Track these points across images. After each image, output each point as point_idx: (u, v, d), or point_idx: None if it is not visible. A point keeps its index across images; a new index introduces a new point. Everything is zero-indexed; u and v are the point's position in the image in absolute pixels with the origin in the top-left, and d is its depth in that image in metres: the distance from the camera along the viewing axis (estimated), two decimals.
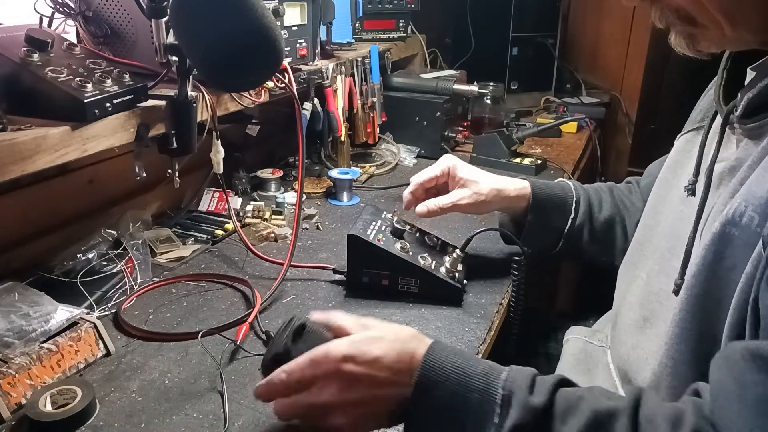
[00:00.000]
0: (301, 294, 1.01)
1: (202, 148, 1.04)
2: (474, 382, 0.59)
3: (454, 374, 0.60)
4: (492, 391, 0.58)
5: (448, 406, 0.59)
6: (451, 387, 0.59)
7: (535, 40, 2.21)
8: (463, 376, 0.60)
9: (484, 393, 0.58)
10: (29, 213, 1.02)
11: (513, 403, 0.57)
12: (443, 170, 1.06)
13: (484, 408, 0.57)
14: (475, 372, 0.60)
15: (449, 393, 0.59)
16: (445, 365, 0.61)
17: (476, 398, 0.58)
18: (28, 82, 0.81)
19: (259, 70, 0.89)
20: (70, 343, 0.79)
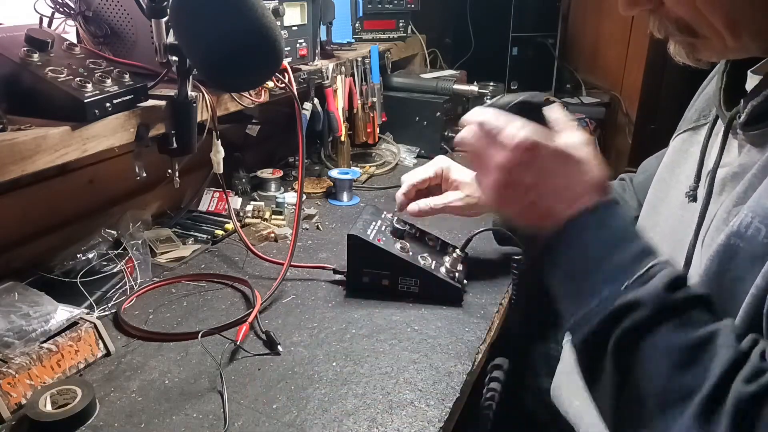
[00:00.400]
0: (301, 294, 1.01)
1: (202, 148, 1.04)
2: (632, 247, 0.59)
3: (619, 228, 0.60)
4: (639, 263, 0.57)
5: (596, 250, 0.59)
6: (609, 235, 0.59)
7: (535, 40, 2.21)
8: (626, 233, 0.60)
9: (634, 260, 0.58)
10: (29, 213, 1.02)
11: (650, 283, 0.56)
12: (436, 171, 1.05)
13: (623, 269, 0.57)
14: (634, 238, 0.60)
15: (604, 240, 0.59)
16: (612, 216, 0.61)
17: (624, 258, 0.58)
18: (28, 82, 0.81)
19: (259, 70, 0.89)
20: (70, 343, 0.79)
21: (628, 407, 0.56)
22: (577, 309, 0.59)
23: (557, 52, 2.25)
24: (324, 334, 0.89)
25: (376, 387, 0.78)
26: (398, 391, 0.77)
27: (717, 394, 0.51)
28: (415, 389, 0.78)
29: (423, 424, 0.72)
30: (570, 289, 0.61)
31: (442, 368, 0.82)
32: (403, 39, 1.83)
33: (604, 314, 0.56)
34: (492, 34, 2.19)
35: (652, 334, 0.54)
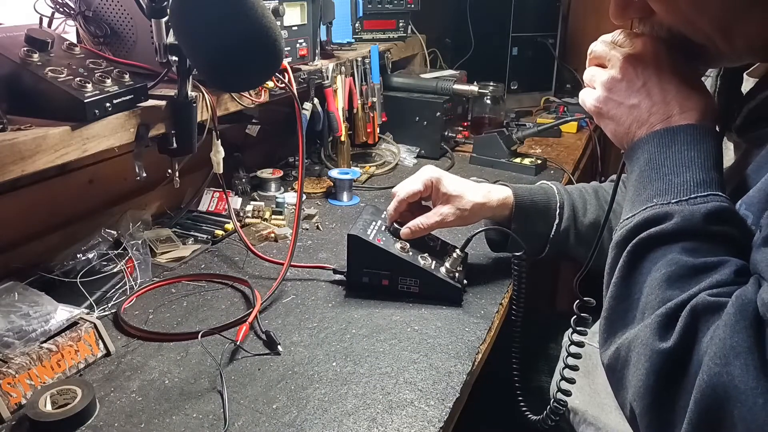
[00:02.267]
0: (301, 294, 1.01)
1: (202, 148, 1.04)
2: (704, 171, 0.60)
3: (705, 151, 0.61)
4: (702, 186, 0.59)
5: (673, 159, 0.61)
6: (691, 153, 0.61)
7: (535, 40, 2.21)
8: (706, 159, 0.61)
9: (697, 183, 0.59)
10: (29, 213, 1.02)
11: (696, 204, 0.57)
12: (425, 184, 1.03)
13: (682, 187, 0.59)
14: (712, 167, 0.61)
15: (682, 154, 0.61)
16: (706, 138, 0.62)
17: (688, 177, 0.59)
18: (28, 82, 0.81)
19: (259, 70, 0.89)
20: (70, 343, 0.80)
21: (619, 302, 0.59)
22: (628, 212, 0.62)
23: (557, 52, 2.25)
24: (324, 334, 0.89)
25: (376, 387, 0.78)
26: (398, 391, 0.77)
27: (682, 306, 0.53)
28: (415, 389, 0.78)
29: (423, 424, 0.72)
30: (634, 194, 0.63)
31: (442, 368, 0.82)
32: (403, 39, 1.83)
33: (641, 218, 0.59)
34: (492, 34, 2.19)
35: (665, 248, 0.57)
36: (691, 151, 0.61)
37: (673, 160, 0.61)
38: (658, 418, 0.53)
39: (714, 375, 0.48)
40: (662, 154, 0.62)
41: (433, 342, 0.87)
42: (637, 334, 0.55)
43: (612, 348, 0.59)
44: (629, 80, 0.65)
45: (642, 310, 0.56)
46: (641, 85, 0.65)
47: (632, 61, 0.65)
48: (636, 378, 0.54)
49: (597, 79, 0.69)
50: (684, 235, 0.56)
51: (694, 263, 0.55)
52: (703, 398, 0.48)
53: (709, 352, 0.49)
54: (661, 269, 0.56)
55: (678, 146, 0.61)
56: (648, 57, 0.65)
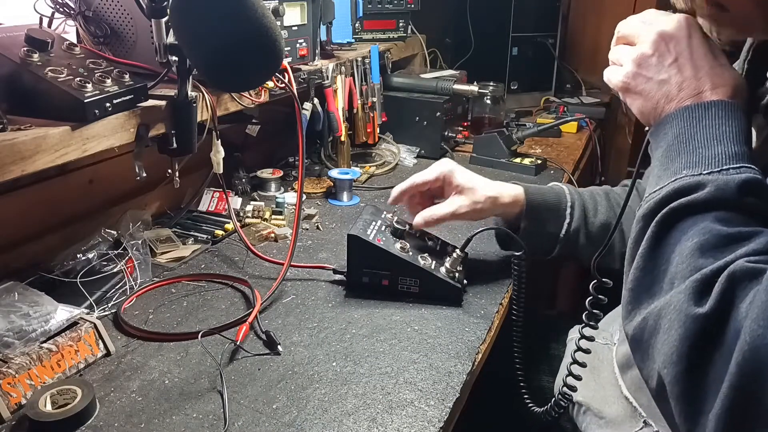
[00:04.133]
0: (301, 294, 1.01)
1: (202, 148, 1.04)
2: (731, 146, 0.59)
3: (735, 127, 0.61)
4: (734, 159, 0.58)
5: (704, 134, 0.60)
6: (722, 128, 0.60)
7: (535, 40, 2.21)
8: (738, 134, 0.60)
9: (729, 157, 0.59)
10: (29, 213, 1.02)
11: (729, 173, 0.57)
12: (438, 176, 1.05)
13: (715, 160, 0.58)
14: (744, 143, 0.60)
15: (713, 128, 0.60)
16: (735, 113, 0.62)
17: (722, 150, 0.59)
18: (28, 82, 0.81)
19: (259, 70, 0.89)
20: (70, 343, 0.80)
21: (645, 272, 0.58)
22: (655, 185, 0.61)
23: (557, 52, 2.25)
24: (324, 334, 0.89)
25: (376, 387, 0.78)
26: (398, 391, 0.77)
27: (720, 271, 0.51)
28: (415, 389, 0.78)
29: (423, 424, 0.72)
30: (660, 169, 0.62)
31: (442, 368, 0.82)
32: (403, 39, 1.83)
33: (672, 188, 0.58)
34: (492, 34, 2.19)
35: (699, 216, 0.56)
36: (723, 126, 0.60)
37: (704, 133, 0.60)
38: (690, 385, 0.51)
39: (757, 337, 0.47)
40: (692, 128, 0.61)
41: (433, 342, 0.87)
42: (669, 300, 0.54)
43: (638, 318, 0.57)
44: (660, 55, 0.65)
45: (671, 280, 0.55)
46: (673, 60, 0.64)
47: (665, 37, 0.65)
48: (668, 345, 0.53)
49: (625, 56, 0.69)
50: (717, 205, 0.56)
51: (729, 232, 0.54)
52: (746, 361, 0.47)
53: (750, 314, 0.48)
54: (693, 238, 0.55)
55: (709, 120, 0.61)
56: (681, 33, 0.65)
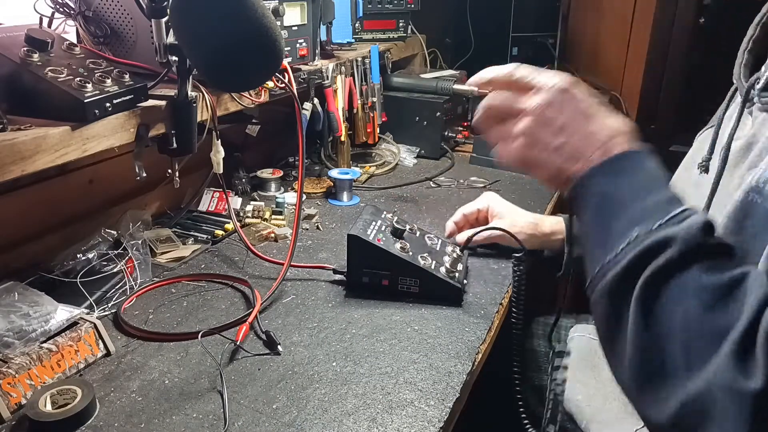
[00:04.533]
0: (301, 294, 1.01)
1: (202, 148, 1.04)
2: (663, 190, 0.58)
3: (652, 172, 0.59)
4: (675, 204, 0.56)
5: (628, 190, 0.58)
6: (643, 176, 0.59)
7: (535, 40, 2.21)
8: (659, 179, 0.59)
9: (666, 202, 0.56)
10: (29, 213, 1.02)
11: (686, 222, 0.54)
12: (482, 207, 1.15)
13: (655, 210, 0.55)
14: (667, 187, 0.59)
15: (638, 180, 0.59)
16: (647, 160, 0.60)
17: (656, 200, 0.57)
18: (28, 82, 0.81)
19: (259, 70, 0.89)
20: (70, 343, 0.80)
21: (649, 354, 0.52)
22: (604, 253, 0.56)
23: (557, 52, 2.24)
24: (324, 334, 0.89)
25: (376, 387, 0.78)
26: (398, 391, 0.77)
27: (753, 329, 0.47)
28: (415, 389, 0.78)
29: (423, 424, 0.72)
30: (598, 234, 0.59)
31: (442, 368, 0.82)
32: (403, 39, 1.83)
33: (634, 253, 0.53)
34: (492, 34, 2.19)
35: (683, 273, 0.51)
36: (644, 173, 0.59)
37: (631, 186, 0.58)
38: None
39: None
40: (615, 184, 0.59)
41: (433, 342, 0.87)
42: (710, 380, 0.47)
43: (671, 406, 0.50)
44: (547, 123, 0.63)
45: (685, 353, 0.49)
46: (562, 124, 0.63)
47: (546, 103, 0.64)
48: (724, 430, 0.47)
49: (511, 132, 0.66)
50: (693, 256, 0.52)
51: (723, 281, 0.50)
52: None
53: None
54: (691, 301, 0.50)
55: (628, 173, 0.59)
56: (561, 96, 0.64)
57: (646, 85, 2.28)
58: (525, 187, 1.50)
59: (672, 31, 2.17)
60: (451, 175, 1.59)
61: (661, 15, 2.18)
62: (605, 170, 0.60)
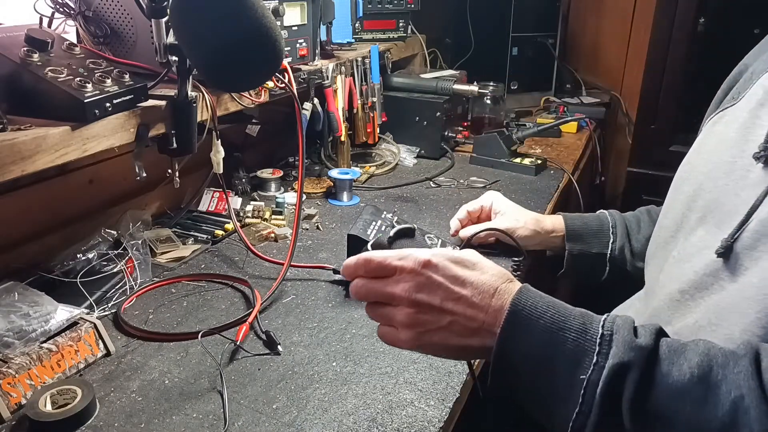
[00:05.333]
0: (301, 294, 1.01)
1: (202, 148, 1.04)
2: (570, 322, 0.57)
3: (549, 313, 0.58)
4: (591, 330, 0.56)
5: (541, 345, 0.57)
6: (544, 324, 0.57)
7: (535, 40, 2.21)
8: (558, 315, 0.58)
9: (581, 332, 0.56)
10: (29, 213, 1.02)
11: (614, 342, 0.55)
12: (487, 203, 1.16)
13: (580, 347, 0.55)
14: (570, 313, 0.58)
15: (542, 330, 0.57)
16: (538, 303, 0.59)
17: (572, 337, 0.56)
18: (28, 82, 0.81)
19: (259, 70, 0.89)
20: (70, 343, 0.80)
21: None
22: (565, 407, 0.56)
23: (557, 52, 2.25)
24: (324, 334, 0.89)
25: (376, 387, 0.78)
26: (398, 391, 0.77)
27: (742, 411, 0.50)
28: (415, 389, 0.78)
29: (423, 424, 0.72)
30: (546, 392, 0.58)
31: (442, 368, 0.82)
32: (403, 39, 1.83)
33: (600, 398, 0.54)
34: (492, 34, 2.19)
35: (654, 387, 0.53)
36: (546, 312, 0.58)
37: (546, 335, 0.57)
38: None
39: None
40: (530, 342, 0.57)
41: None
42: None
43: None
44: (426, 305, 0.60)
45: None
46: (440, 302, 0.60)
47: (415, 288, 0.61)
48: None
49: (392, 317, 0.63)
50: (651, 365, 0.54)
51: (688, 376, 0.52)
52: None
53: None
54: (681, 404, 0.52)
55: (534, 321, 0.58)
56: (425, 274, 0.61)
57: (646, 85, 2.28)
58: (525, 186, 1.50)
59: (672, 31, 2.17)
60: (451, 175, 1.59)
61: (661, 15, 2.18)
62: (513, 332, 0.58)
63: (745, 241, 0.63)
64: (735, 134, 0.73)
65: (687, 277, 0.72)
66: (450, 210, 1.32)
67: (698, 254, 0.72)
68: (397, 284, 0.62)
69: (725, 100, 0.82)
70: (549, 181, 1.55)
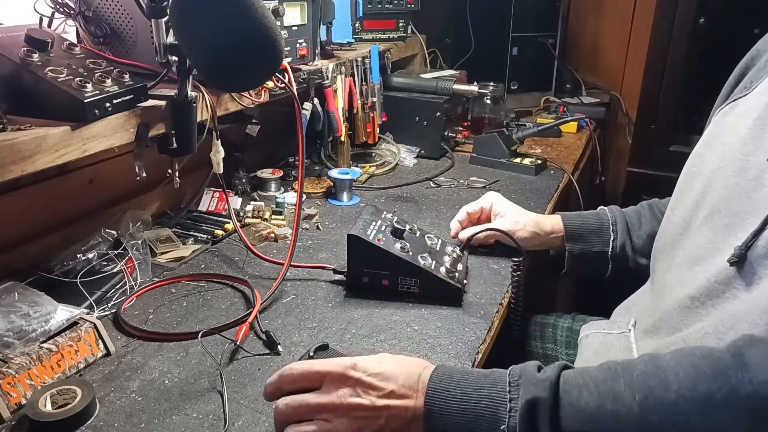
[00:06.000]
0: (301, 294, 1.01)
1: (202, 148, 1.04)
2: (481, 380, 0.63)
3: (463, 380, 0.64)
4: (500, 380, 0.62)
5: (461, 411, 0.62)
6: (460, 389, 0.63)
7: (535, 40, 2.21)
8: (470, 378, 0.64)
9: (492, 385, 0.62)
10: (29, 213, 1.02)
11: (522, 382, 0.60)
12: (487, 204, 1.16)
13: (495, 401, 0.61)
14: (481, 373, 0.65)
15: (459, 397, 0.62)
16: (453, 373, 0.65)
17: (485, 393, 0.62)
18: (28, 82, 0.81)
19: (259, 70, 0.89)
20: (70, 343, 0.80)
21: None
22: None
23: (557, 52, 2.25)
24: (324, 334, 0.89)
25: None
26: None
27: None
28: None
29: None
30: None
31: None
32: (403, 39, 1.83)
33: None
34: (492, 34, 2.19)
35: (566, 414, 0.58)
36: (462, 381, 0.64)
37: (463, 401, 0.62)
38: None
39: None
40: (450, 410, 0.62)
41: (433, 342, 0.87)
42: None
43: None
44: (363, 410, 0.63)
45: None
46: (372, 403, 0.63)
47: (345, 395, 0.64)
48: None
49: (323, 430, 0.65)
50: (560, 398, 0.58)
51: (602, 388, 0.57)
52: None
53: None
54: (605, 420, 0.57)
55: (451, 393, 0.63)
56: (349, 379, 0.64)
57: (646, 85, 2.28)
58: (525, 187, 1.50)
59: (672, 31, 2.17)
60: (451, 175, 1.59)
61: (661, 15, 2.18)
62: (435, 411, 0.62)
63: (760, 249, 0.63)
64: (748, 130, 0.71)
65: (698, 283, 0.72)
66: (450, 210, 1.32)
67: (708, 258, 0.71)
68: (329, 393, 0.64)
69: (737, 89, 0.80)
70: (549, 181, 1.55)
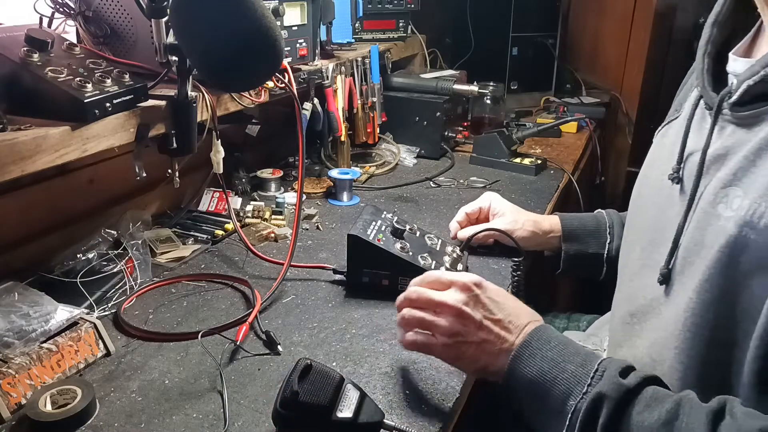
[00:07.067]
0: (301, 294, 1.01)
1: (202, 148, 1.04)
2: (574, 357, 0.66)
3: (558, 347, 0.67)
4: (589, 365, 0.64)
5: (543, 371, 0.66)
6: (551, 355, 0.66)
7: (535, 40, 2.21)
8: (566, 350, 0.67)
9: (581, 366, 0.64)
10: (29, 213, 1.02)
11: (604, 376, 0.62)
12: (486, 204, 1.16)
13: (576, 377, 0.63)
14: (575, 349, 0.67)
15: (548, 359, 0.66)
16: (552, 338, 0.69)
17: (571, 369, 0.64)
18: (28, 82, 0.81)
19: (259, 70, 0.89)
20: (70, 343, 0.80)
21: None
22: (550, 425, 0.65)
23: (557, 52, 2.25)
24: (324, 334, 0.89)
25: (376, 387, 0.78)
26: (398, 392, 0.77)
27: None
28: (416, 389, 0.78)
29: (423, 424, 0.72)
30: (541, 413, 0.66)
31: (442, 368, 0.82)
32: (403, 39, 1.83)
33: (580, 421, 0.61)
34: (492, 34, 2.19)
35: (625, 421, 0.59)
36: (557, 347, 0.67)
37: (551, 364, 0.66)
38: None
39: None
40: (539, 368, 0.66)
41: None
42: None
43: None
44: (469, 320, 0.70)
45: None
46: (480, 319, 0.70)
47: (464, 301, 0.71)
48: None
49: (431, 324, 0.73)
50: (626, 403, 0.60)
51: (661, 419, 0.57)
52: None
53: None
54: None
55: (544, 351, 0.67)
56: (474, 291, 0.72)
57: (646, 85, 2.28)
58: (525, 187, 1.50)
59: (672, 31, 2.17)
60: (451, 175, 1.59)
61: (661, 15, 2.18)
62: (524, 358, 0.68)
63: (677, 267, 0.67)
64: (668, 151, 0.77)
65: (637, 301, 0.76)
66: (450, 210, 1.32)
67: (639, 274, 0.76)
68: (449, 295, 0.72)
69: (671, 111, 0.86)
70: (549, 181, 1.55)
